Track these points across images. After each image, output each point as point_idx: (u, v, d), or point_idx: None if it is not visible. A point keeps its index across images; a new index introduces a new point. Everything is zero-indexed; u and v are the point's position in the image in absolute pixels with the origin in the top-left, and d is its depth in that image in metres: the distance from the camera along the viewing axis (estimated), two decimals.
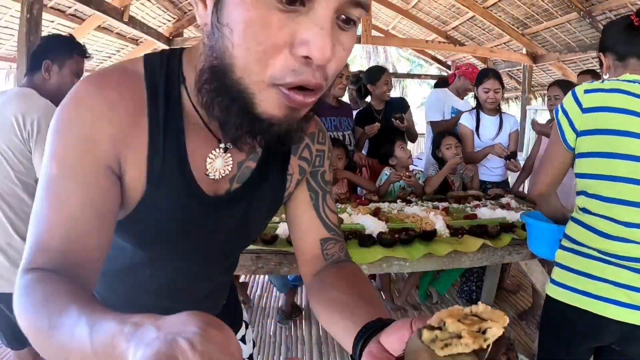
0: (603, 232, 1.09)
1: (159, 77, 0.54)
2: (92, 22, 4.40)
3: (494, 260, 1.69)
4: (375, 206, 2.15)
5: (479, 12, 5.81)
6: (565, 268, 1.16)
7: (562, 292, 1.15)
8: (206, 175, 0.58)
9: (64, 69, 1.62)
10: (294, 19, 0.42)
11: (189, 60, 0.55)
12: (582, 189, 1.16)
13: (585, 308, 1.09)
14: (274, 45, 0.42)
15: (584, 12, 4.70)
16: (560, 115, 1.15)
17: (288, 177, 0.67)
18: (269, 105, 0.45)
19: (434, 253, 1.56)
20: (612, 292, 1.06)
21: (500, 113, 2.80)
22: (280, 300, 2.88)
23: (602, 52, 1.24)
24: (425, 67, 15.68)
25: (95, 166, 0.50)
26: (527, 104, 6.36)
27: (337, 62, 0.46)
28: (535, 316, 2.61)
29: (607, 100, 1.07)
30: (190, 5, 5.46)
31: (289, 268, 1.52)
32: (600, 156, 1.08)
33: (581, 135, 1.11)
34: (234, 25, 0.43)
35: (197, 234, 0.62)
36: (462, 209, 2.21)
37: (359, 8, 0.45)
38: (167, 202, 0.56)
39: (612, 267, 1.07)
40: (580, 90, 1.12)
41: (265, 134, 0.48)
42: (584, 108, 1.09)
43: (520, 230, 1.79)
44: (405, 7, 7.37)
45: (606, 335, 1.10)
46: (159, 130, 0.53)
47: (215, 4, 0.45)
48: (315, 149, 0.71)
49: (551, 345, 1.23)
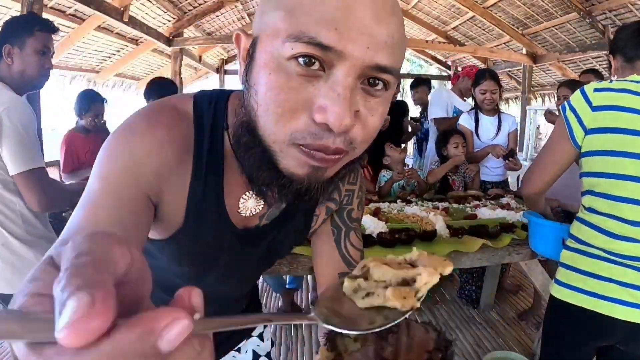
0: (610, 231, 1.08)
1: (206, 121, 0.57)
2: (92, 22, 4.40)
3: (494, 261, 1.69)
4: (375, 206, 2.15)
5: (479, 12, 5.81)
6: (570, 268, 1.16)
7: (567, 292, 1.15)
8: (238, 212, 0.62)
9: (26, 49, 1.46)
10: (314, 84, 0.42)
11: (233, 106, 0.58)
12: (588, 187, 1.16)
13: (592, 308, 1.09)
14: (292, 109, 0.43)
15: (584, 12, 4.70)
16: (568, 113, 1.15)
17: (314, 217, 0.71)
18: (290, 163, 0.46)
19: (434, 253, 1.55)
20: (618, 292, 1.06)
21: (499, 113, 2.80)
22: (280, 300, 2.88)
23: (612, 54, 1.27)
24: (425, 67, 15.69)
25: (135, 191, 0.52)
26: (527, 104, 6.36)
27: (365, 128, 0.46)
28: (535, 316, 2.61)
29: (617, 99, 1.08)
30: (190, 5, 5.47)
31: (289, 268, 1.52)
32: (609, 154, 1.08)
33: (590, 133, 1.11)
34: (258, 87, 0.45)
35: (229, 260, 0.68)
36: (462, 209, 2.21)
37: (385, 73, 0.44)
38: (203, 233, 0.61)
39: (618, 267, 1.06)
40: (589, 89, 1.12)
41: (288, 190, 0.49)
42: (594, 106, 1.10)
43: (520, 230, 1.79)
44: (405, 7, 7.37)
45: (611, 335, 1.10)
46: (201, 171, 0.57)
47: (246, 65, 0.47)
48: (344, 189, 0.73)
49: (555, 345, 1.23)
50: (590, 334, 1.13)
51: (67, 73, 5.21)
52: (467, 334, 2.47)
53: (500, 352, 2.03)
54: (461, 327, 2.56)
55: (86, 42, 4.87)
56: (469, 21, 6.63)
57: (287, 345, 2.35)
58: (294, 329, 2.53)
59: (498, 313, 2.74)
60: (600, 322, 1.08)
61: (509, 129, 2.78)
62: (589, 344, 1.16)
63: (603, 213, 1.10)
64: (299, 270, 1.52)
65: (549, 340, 1.25)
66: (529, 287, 3.10)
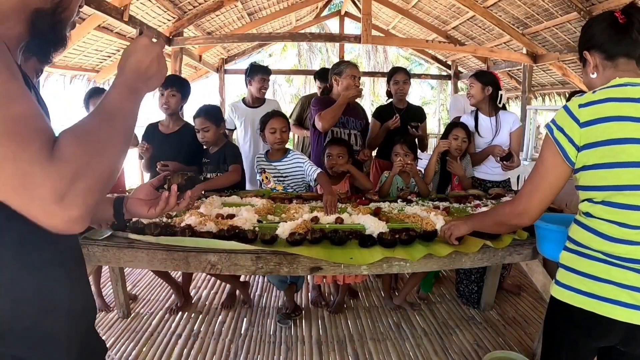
0: (607, 235, 1.08)
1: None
2: (92, 21, 4.39)
3: (495, 261, 1.69)
4: (375, 206, 2.15)
5: (479, 11, 5.81)
6: (569, 270, 1.16)
7: (567, 293, 1.15)
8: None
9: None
10: None
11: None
12: (585, 197, 1.15)
13: (591, 310, 1.09)
14: None
15: (584, 11, 4.70)
16: (556, 133, 1.12)
17: None
18: None
19: (434, 254, 1.55)
20: (617, 293, 1.05)
21: (498, 113, 2.80)
22: (280, 300, 2.88)
23: (587, 50, 1.21)
24: (426, 67, 15.68)
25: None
26: (527, 104, 6.36)
27: None
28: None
29: (602, 111, 1.06)
30: (190, 4, 5.46)
31: (289, 268, 1.51)
32: (603, 167, 1.07)
33: (582, 149, 1.09)
34: None
35: None
36: (463, 208, 2.21)
37: None
38: None
39: (617, 269, 1.06)
40: (574, 106, 1.10)
41: None
42: (582, 122, 1.07)
43: (521, 230, 1.79)
44: (406, 7, 7.37)
45: (611, 336, 1.10)
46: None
47: None
48: None
49: (555, 345, 1.23)
50: (591, 335, 1.13)
51: (67, 72, 5.21)
52: (467, 334, 2.47)
53: (500, 352, 2.03)
54: (461, 327, 2.55)
55: (86, 42, 4.86)
56: (469, 21, 6.63)
57: (287, 345, 2.35)
58: (294, 329, 2.53)
59: (498, 313, 2.74)
60: (600, 324, 1.08)
61: (511, 128, 2.77)
62: (589, 344, 1.17)
63: (600, 218, 1.10)
64: (299, 271, 1.52)
65: (550, 341, 1.26)
66: (529, 287, 3.10)
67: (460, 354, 2.26)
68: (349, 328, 2.54)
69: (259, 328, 2.53)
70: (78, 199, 0.59)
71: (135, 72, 0.75)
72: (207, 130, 2.55)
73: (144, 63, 0.75)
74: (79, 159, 0.60)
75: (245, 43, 8.15)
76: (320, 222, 1.83)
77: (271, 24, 7.90)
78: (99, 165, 0.63)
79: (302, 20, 9.08)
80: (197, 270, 1.62)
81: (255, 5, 6.76)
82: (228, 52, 8.53)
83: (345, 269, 1.51)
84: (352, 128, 2.91)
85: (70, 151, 0.60)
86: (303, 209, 2.00)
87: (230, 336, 2.44)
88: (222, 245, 1.52)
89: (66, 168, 0.58)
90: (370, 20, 5.16)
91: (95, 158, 0.62)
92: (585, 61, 1.23)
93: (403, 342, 2.40)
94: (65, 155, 0.59)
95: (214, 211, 1.95)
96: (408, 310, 2.75)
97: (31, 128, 0.58)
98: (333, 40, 8.86)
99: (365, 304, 2.87)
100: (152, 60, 0.76)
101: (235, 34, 6.71)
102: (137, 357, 2.21)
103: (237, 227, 1.66)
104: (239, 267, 1.52)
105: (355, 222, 1.82)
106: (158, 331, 2.47)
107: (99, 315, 2.63)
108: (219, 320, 2.62)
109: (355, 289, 2.99)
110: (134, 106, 0.73)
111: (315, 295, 2.89)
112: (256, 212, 1.95)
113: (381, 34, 8.43)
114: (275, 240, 1.59)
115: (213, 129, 2.55)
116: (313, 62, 16.76)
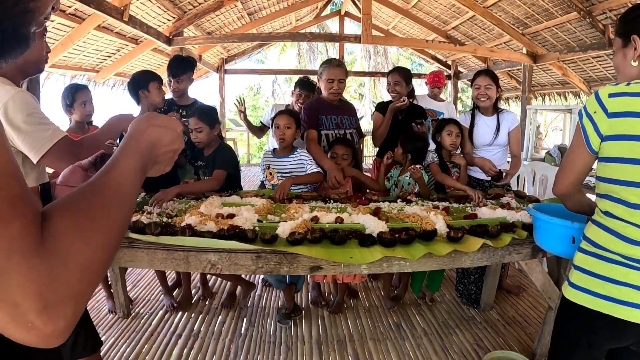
0: (628, 237, 1.06)
1: None
2: (92, 21, 4.39)
3: (495, 260, 1.69)
4: (375, 206, 2.15)
5: (479, 11, 5.81)
6: (586, 272, 1.13)
7: (583, 296, 1.12)
8: None
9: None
10: None
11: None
12: (605, 192, 1.13)
13: (608, 313, 1.07)
14: None
15: (584, 12, 4.70)
16: (585, 120, 1.11)
17: None
18: None
19: (434, 253, 1.55)
20: (634, 296, 1.04)
21: (497, 113, 2.80)
22: (280, 300, 2.88)
23: (636, 34, 1.10)
24: (426, 67, 15.66)
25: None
26: (527, 104, 6.36)
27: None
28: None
29: (633, 104, 1.03)
30: (190, 4, 5.46)
31: (289, 267, 1.52)
32: (626, 162, 1.05)
33: (606, 140, 1.08)
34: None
35: None
36: (463, 208, 2.21)
37: None
38: None
39: (635, 272, 1.05)
40: (604, 94, 1.08)
41: None
42: (610, 113, 1.06)
43: (521, 230, 1.79)
44: (406, 7, 7.37)
45: (627, 338, 1.09)
46: None
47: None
48: None
49: (568, 347, 1.21)
50: (605, 337, 1.12)
51: (67, 72, 5.21)
52: (467, 334, 2.47)
53: (500, 352, 2.04)
54: (461, 327, 2.56)
55: (86, 42, 4.86)
56: (469, 21, 6.63)
57: (287, 345, 2.35)
58: (294, 329, 2.53)
59: (498, 313, 2.74)
60: (616, 326, 1.07)
61: (509, 127, 2.77)
62: (603, 346, 1.15)
63: (621, 219, 1.08)
64: (299, 270, 1.52)
65: (562, 342, 1.24)
66: (528, 287, 3.10)
67: (460, 354, 2.27)
68: (349, 328, 2.54)
69: (259, 328, 2.53)
70: (67, 308, 0.41)
71: (152, 147, 0.62)
72: (200, 131, 2.46)
73: (164, 143, 0.64)
74: (77, 247, 0.43)
75: (245, 43, 8.15)
76: (320, 221, 1.83)
77: (271, 24, 7.91)
78: (99, 255, 0.46)
79: (302, 20, 9.08)
80: (198, 270, 1.62)
81: (255, 5, 6.77)
82: (228, 52, 8.53)
83: (345, 268, 1.51)
84: (347, 127, 2.89)
85: (67, 239, 0.43)
86: (303, 209, 2.00)
87: (230, 336, 2.44)
88: (223, 245, 1.52)
89: (57, 261, 0.41)
90: (370, 20, 5.16)
91: (97, 248, 0.46)
92: (626, 46, 1.14)
93: (403, 342, 2.40)
94: (59, 243, 0.42)
95: (214, 211, 1.95)
96: (408, 310, 2.75)
97: (8, 201, 0.39)
98: (333, 40, 8.87)
99: (365, 304, 2.88)
100: (173, 145, 0.66)
101: (235, 34, 6.72)
102: (137, 357, 2.21)
103: (237, 226, 1.66)
104: (239, 267, 1.52)
105: (355, 222, 1.82)
106: (158, 331, 2.47)
107: (99, 315, 2.64)
108: (219, 320, 2.62)
109: (355, 289, 3.00)
110: (139, 185, 0.58)
111: (315, 295, 2.89)
112: (256, 211, 1.95)
113: (381, 34, 8.43)
114: (276, 240, 1.59)
115: (206, 130, 2.47)
116: (313, 62, 16.76)
